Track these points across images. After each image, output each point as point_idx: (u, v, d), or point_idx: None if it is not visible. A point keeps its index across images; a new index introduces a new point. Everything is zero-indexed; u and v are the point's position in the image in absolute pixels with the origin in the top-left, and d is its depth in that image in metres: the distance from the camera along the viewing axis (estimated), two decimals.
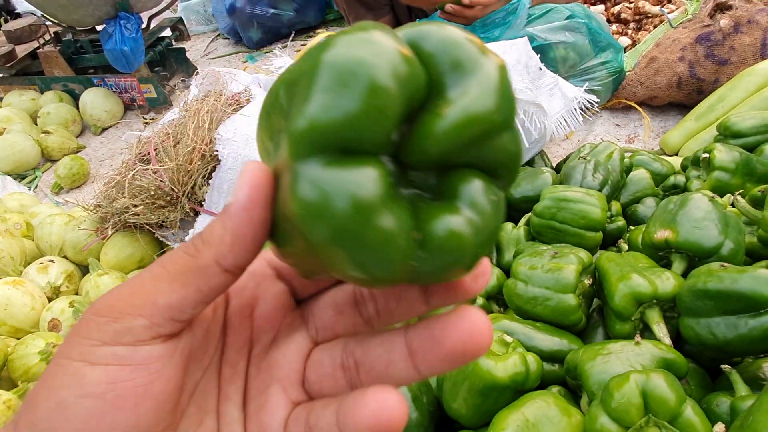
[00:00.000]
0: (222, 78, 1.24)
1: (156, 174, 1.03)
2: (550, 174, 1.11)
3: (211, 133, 1.03)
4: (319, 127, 0.19)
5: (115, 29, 1.88)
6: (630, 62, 1.69)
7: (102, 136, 2.09)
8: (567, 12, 1.57)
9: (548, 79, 1.33)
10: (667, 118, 1.65)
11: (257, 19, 2.42)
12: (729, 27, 1.51)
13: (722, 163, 1.07)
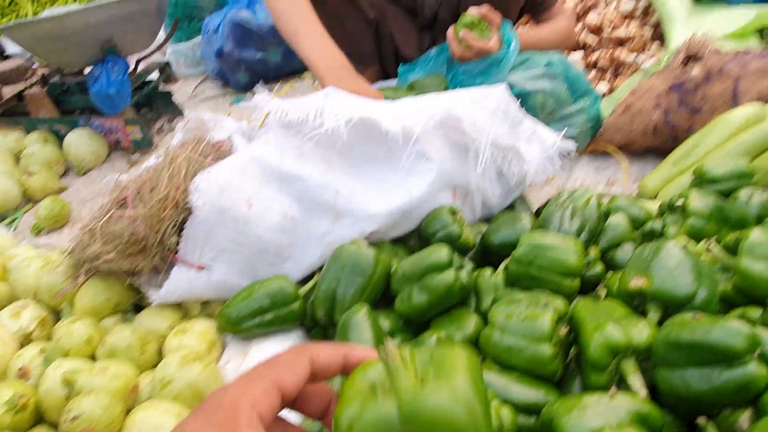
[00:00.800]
0: (206, 125, 1.25)
1: (131, 220, 1.02)
2: (528, 220, 1.12)
3: (186, 181, 1.03)
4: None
5: (101, 72, 1.90)
6: (607, 109, 1.74)
7: (85, 176, 2.08)
8: (545, 60, 1.61)
9: (527, 126, 1.35)
10: (645, 163, 1.69)
11: (245, 63, 2.46)
12: (700, 77, 1.56)
13: (697, 209, 1.09)
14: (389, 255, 1.08)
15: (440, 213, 1.12)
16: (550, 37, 1.76)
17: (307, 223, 1.07)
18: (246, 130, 1.28)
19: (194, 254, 1.06)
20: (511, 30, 1.55)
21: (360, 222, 1.05)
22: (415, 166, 1.09)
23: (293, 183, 1.06)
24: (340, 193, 1.05)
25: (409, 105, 1.13)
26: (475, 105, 1.18)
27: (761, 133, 1.39)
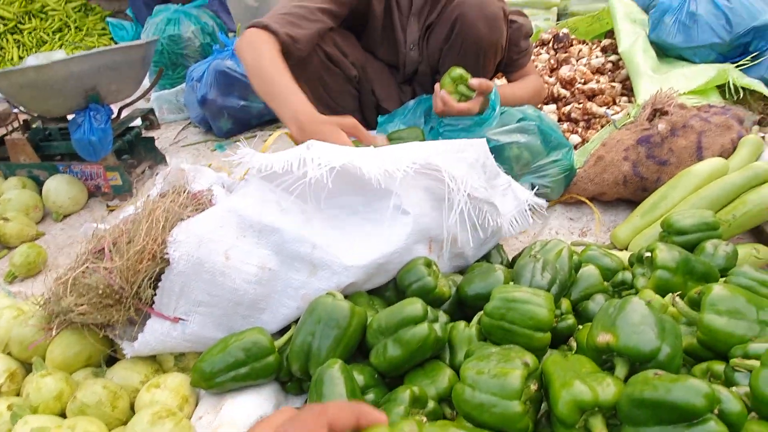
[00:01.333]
0: (186, 176, 1.27)
1: (107, 272, 1.02)
2: (502, 271, 1.14)
3: (164, 233, 1.04)
4: None
5: (84, 120, 1.92)
6: (580, 160, 1.80)
7: (63, 222, 2.07)
8: (519, 114, 1.68)
9: (503, 180, 1.39)
10: (616, 212, 1.74)
11: (227, 110, 2.51)
12: (666, 131, 1.63)
13: (664, 262, 1.12)
14: (365, 306, 1.09)
15: (415, 265, 1.14)
16: (523, 93, 1.83)
17: (284, 275, 1.07)
18: (226, 182, 1.30)
19: (169, 306, 1.06)
20: (497, 95, 1.60)
21: (336, 275, 1.07)
22: (392, 219, 1.11)
23: (271, 235, 1.07)
24: (317, 245, 1.07)
25: (390, 151, 1.16)
26: (454, 156, 1.21)
27: (724, 187, 1.45)
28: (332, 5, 1.67)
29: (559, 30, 2.68)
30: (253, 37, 1.54)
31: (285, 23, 1.56)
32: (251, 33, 1.56)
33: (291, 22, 1.57)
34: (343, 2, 1.70)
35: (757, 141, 1.61)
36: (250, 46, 1.53)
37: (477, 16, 1.65)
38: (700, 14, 2.11)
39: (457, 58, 1.73)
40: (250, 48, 1.53)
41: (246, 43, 1.55)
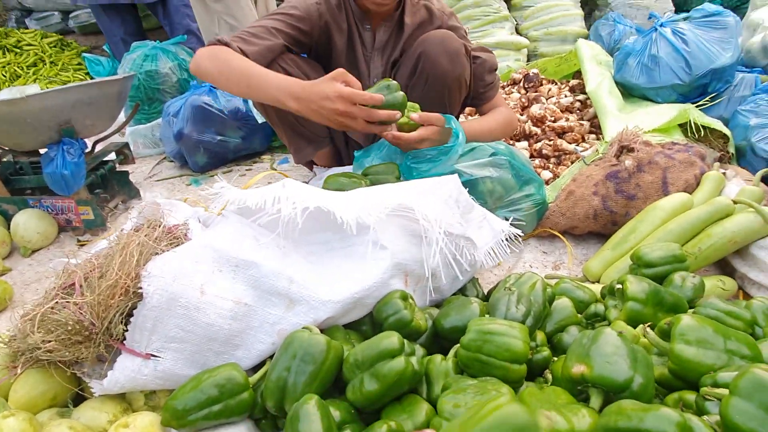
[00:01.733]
0: (161, 210, 1.26)
1: (77, 307, 1.00)
2: (477, 305, 1.15)
3: (138, 267, 1.02)
4: None
5: (57, 154, 1.89)
6: (551, 194, 1.84)
7: (31, 258, 2.01)
8: (491, 150, 1.72)
9: (477, 213, 1.42)
10: (588, 245, 1.78)
11: (204, 145, 2.51)
12: (633, 167, 1.69)
13: (634, 294, 1.15)
14: (341, 341, 1.08)
15: (392, 298, 1.14)
16: (494, 124, 1.88)
17: (260, 310, 1.06)
18: (202, 216, 1.29)
19: (141, 342, 1.03)
20: (457, 123, 1.65)
21: (314, 309, 1.06)
22: (369, 253, 1.12)
23: (248, 269, 1.07)
24: (294, 280, 1.06)
25: (364, 196, 1.17)
26: (428, 195, 1.24)
27: (689, 221, 1.50)
28: (288, 28, 1.75)
29: (529, 70, 2.78)
30: (210, 50, 1.64)
31: (236, 39, 1.66)
32: (207, 49, 1.66)
33: (242, 38, 1.68)
34: (302, 29, 1.77)
35: (719, 177, 1.68)
36: (211, 56, 1.62)
37: (439, 52, 1.71)
38: (662, 57, 2.22)
39: (423, 93, 1.78)
40: (211, 58, 1.62)
41: (204, 57, 1.64)
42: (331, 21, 1.80)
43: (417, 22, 1.84)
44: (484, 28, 3.22)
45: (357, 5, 1.81)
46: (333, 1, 1.80)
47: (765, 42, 2.31)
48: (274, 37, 1.70)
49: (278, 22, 1.73)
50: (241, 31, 1.71)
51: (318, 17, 1.78)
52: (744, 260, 1.47)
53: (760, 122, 1.93)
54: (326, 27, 1.80)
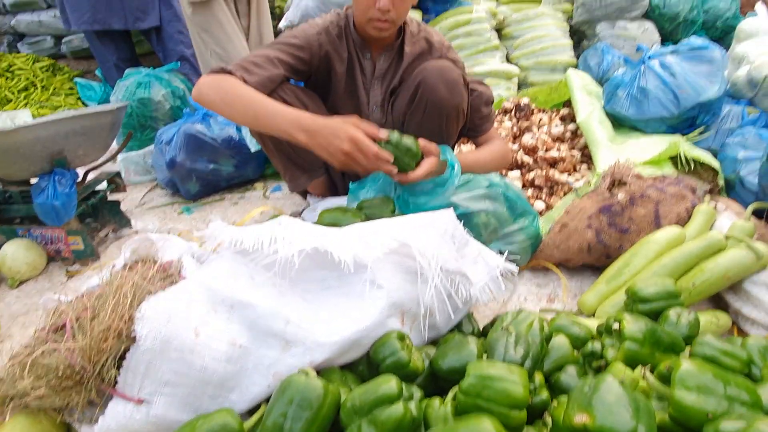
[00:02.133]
0: (155, 245, 1.25)
1: (68, 352, 0.98)
2: (475, 345, 1.14)
3: (132, 309, 1.01)
4: None
5: (48, 184, 1.88)
6: (545, 227, 1.85)
7: (18, 289, 1.98)
8: (486, 182, 1.73)
9: (473, 248, 1.42)
10: (582, 278, 1.78)
11: (196, 173, 2.50)
12: (626, 200, 1.70)
13: (631, 333, 1.14)
14: (338, 383, 1.07)
15: (389, 338, 1.13)
16: (489, 158, 1.90)
17: (255, 352, 1.05)
18: (196, 252, 1.28)
19: (134, 387, 1.01)
20: (453, 155, 1.67)
21: (310, 351, 1.05)
22: (366, 293, 1.11)
23: (243, 310, 1.06)
24: (290, 321, 1.05)
25: (360, 232, 1.17)
26: (423, 230, 1.23)
27: (683, 256, 1.51)
28: (291, 59, 1.76)
29: (520, 99, 2.81)
30: (214, 79, 1.65)
31: (238, 68, 1.68)
32: (210, 77, 1.66)
33: (244, 67, 1.69)
34: (303, 58, 1.78)
35: (710, 210, 1.70)
36: (215, 85, 1.63)
37: (438, 81, 1.74)
38: (650, 89, 2.26)
39: (421, 122, 1.80)
40: (215, 87, 1.63)
41: (208, 85, 1.64)
42: (332, 50, 1.82)
43: (416, 52, 1.87)
44: (475, 56, 3.26)
45: (358, 34, 1.83)
46: (334, 31, 1.82)
47: (750, 75, 2.36)
48: (275, 68, 1.72)
49: (279, 52, 1.74)
50: (243, 59, 1.72)
51: (318, 47, 1.80)
52: (737, 295, 1.48)
53: (748, 155, 1.96)
54: (326, 56, 1.82)
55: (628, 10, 3.49)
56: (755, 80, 2.33)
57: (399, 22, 1.75)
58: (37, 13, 4.43)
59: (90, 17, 3.46)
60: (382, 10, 1.66)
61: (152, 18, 3.55)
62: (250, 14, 3.09)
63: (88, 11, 3.44)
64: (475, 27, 3.28)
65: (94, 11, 3.45)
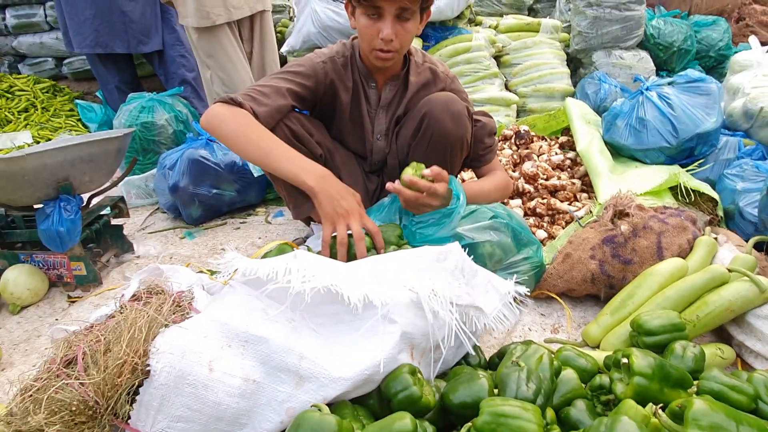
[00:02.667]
0: (164, 275, 1.25)
1: (81, 387, 0.97)
2: (485, 379, 1.15)
3: (146, 343, 1.01)
4: None
5: (53, 210, 1.88)
6: (548, 256, 1.87)
7: (19, 315, 1.96)
8: (490, 212, 1.75)
9: (482, 277, 1.43)
10: (585, 308, 1.79)
11: (199, 198, 2.50)
12: (629, 232, 1.72)
13: (640, 368, 1.15)
14: (350, 419, 1.06)
15: (401, 373, 1.13)
16: (492, 188, 1.92)
17: (269, 387, 1.05)
18: (206, 283, 1.28)
19: (147, 422, 1.01)
20: (459, 185, 1.69)
21: (324, 387, 1.05)
22: (379, 328, 1.12)
23: (257, 345, 1.06)
24: (305, 356, 1.06)
25: (372, 267, 1.18)
26: (434, 268, 1.25)
27: (686, 288, 1.53)
28: (298, 87, 1.79)
29: (519, 126, 2.85)
30: (227, 110, 1.66)
31: (247, 98, 1.69)
32: (221, 107, 1.67)
33: (253, 98, 1.70)
34: (309, 87, 1.81)
35: (711, 242, 1.72)
36: (229, 117, 1.64)
37: (443, 113, 1.77)
38: (649, 120, 2.30)
39: (426, 152, 1.82)
40: (227, 120, 1.64)
41: (219, 117, 1.65)
42: (337, 79, 1.85)
43: (422, 82, 1.90)
44: (474, 84, 3.31)
45: (363, 63, 1.86)
46: (339, 60, 1.85)
47: (746, 107, 2.41)
48: (283, 98, 1.74)
49: (287, 82, 1.76)
50: (252, 88, 1.74)
51: (324, 75, 1.83)
52: (741, 328, 1.49)
53: (747, 186, 2.00)
54: (332, 85, 1.85)
55: (623, 39, 3.57)
56: (751, 112, 2.39)
57: (402, 51, 1.78)
58: (39, 35, 4.46)
59: (93, 41, 3.49)
60: (385, 41, 1.69)
61: (155, 42, 3.59)
62: (253, 40, 3.13)
63: (90, 35, 3.48)
64: (474, 54, 3.34)
65: (96, 35, 3.48)
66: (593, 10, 3.53)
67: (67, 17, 3.50)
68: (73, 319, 1.88)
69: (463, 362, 1.40)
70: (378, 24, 1.67)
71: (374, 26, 1.68)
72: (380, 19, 1.67)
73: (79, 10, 3.43)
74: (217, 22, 2.77)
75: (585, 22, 3.58)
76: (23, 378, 1.15)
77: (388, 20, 1.65)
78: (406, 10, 1.65)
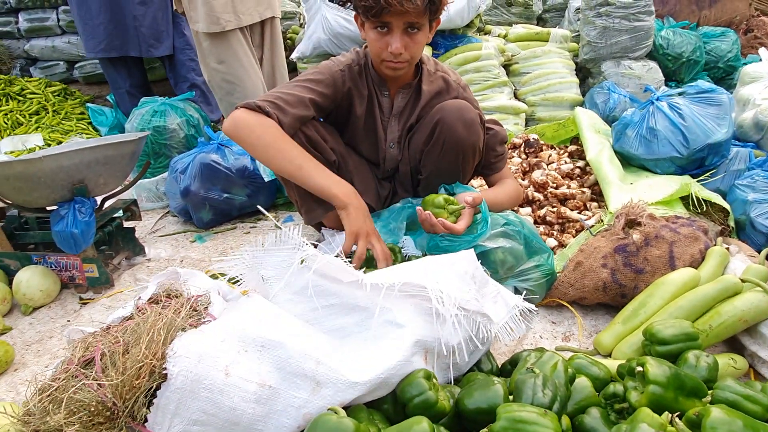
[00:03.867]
0: (181, 280, 1.26)
1: (100, 389, 0.98)
2: (500, 385, 1.15)
3: (164, 346, 1.02)
4: None
5: (68, 212, 1.89)
6: (559, 264, 1.87)
7: (32, 316, 1.98)
8: (503, 220, 1.75)
9: (492, 288, 1.44)
10: (597, 317, 1.79)
11: (210, 202, 2.52)
12: (640, 241, 1.72)
13: (655, 377, 1.15)
14: (366, 422, 1.07)
15: (416, 377, 1.14)
16: (504, 197, 1.93)
17: (285, 393, 1.05)
18: (222, 289, 1.29)
19: (163, 425, 1.01)
20: (486, 206, 1.68)
21: (341, 392, 1.05)
22: (386, 334, 1.13)
23: (274, 350, 1.06)
24: (321, 361, 1.06)
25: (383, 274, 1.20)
26: (443, 271, 1.26)
27: (699, 298, 1.53)
28: (318, 97, 1.80)
29: (529, 135, 2.86)
30: (253, 118, 1.68)
31: (273, 107, 1.71)
32: (247, 114, 1.69)
33: (277, 106, 1.72)
34: (328, 95, 1.83)
35: (723, 252, 1.72)
36: (257, 125, 1.67)
37: (456, 120, 1.78)
38: (659, 130, 2.31)
39: (438, 158, 1.83)
40: (257, 128, 1.67)
41: (247, 124, 1.68)
42: (353, 87, 1.86)
43: (434, 90, 1.91)
44: (484, 92, 3.33)
45: (375, 72, 1.87)
46: (355, 68, 1.86)
47: (757, 118, 2.41)
48: (306, 109, 1.76)
49: (308, 91, 1.78)
50: (276, 95, 1.74)
51: (342, 84, 1.84)
52: (753, 339, 1.49)
53: (758, 197, 2.00)
54: (349, 93, 1.86)
55: (632, 49, 3.58)
56: (761, 123, 2.39)
57: (413, 61, 1.79)
58: (51, 38, 4.51)
59: (106, 45, 3.53)
60: (394, 54, 1.69)
61: (165, 46, 3.63)
62: (263, 46, 3.15)
63: (104, 39, 3.52)
64: (484, 63, 3.36)
65: (109, 39, 3.52)
66: (602, 20, 3.54)
67: (81, 22, 3.54)
68: (87, 321, 1.89)
69: (475, 369, 1.41)
70: (387, 37, 1.68)
71: (383, 39, 1.69)
72: (389, 32, 1.67)
73: (93, 15, 3.47)
74: (226, 27, 2.79)
75: (594, 32, 3.59)
76: (39, 378, 1.16)
77: (396, 34, 1.66)
78: (415, 23, 1.66)
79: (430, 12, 1.67)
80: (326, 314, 1.16)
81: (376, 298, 1.16)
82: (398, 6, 1.57)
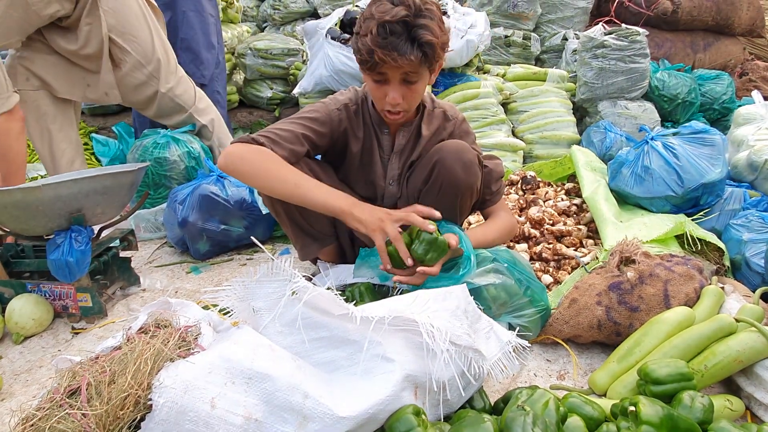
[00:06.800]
0: (172, 310, 1.26)
1: (84, 419, 0.97)
2: (491, 423, 1.13)
3: (151, 376, 1.01)
4: None
5: (64, 241, 1.90)
6: (554, 301, 1.86)
7: (23, 345, 1.96)
8: (491, 256, 1.75)
9: (484, 323, 1.43)
10: (592, 355, 1.77)
11: (207, 233, 2.52)
12: (635, 279, 1.72)
13: (648, 417, 1.14)
14: None
15: (404, 414, 1.12)
16: (497, 234, 1.93)
17: (271, 427, 1.03)
18: (213, 320, 1.28)
19: None
20: (469, 245, 1.68)
21: (328, 427, 1.04)
22: (375, 368, 1.12)
23: (261, 382, 1.05)
24: (309, 395, 1.05)
25: (374, 308, 1.20)
26: (435, 306, 1.25)
27: (693, 338, 1.52)
28: (313, 134, 1.82)
29: (526, 172, 2.89)
30: (247, 148, 1.70)
31: (268, 140, 1.73)
32: (241, 146, 1.71)
33: (273, 140, 1.74)
34: (324, 134, 1.85)
35: (719, 292, 1.72)
36: (252, 153, 1.69)
37: (455, 162, 1.78)
38: (654, 169, 2.33)
39: (436, 199, 1.83)
40: (252, 155, 1.69)
41: (241, 154, 1.70)
42: (350, 127, 1.88)
43: (434, 127, 1.93)
44: (482, 129, 3.37)
45: (375, 111, 1.89)
46: (352, 108, 1.89)
47: (751, 159, 2.44)
48: (301, 145, 1.78)
49: (303, 128, 1.80)
50: (271, 131, 1.77)
51: (338, 123, 1.86)
52: (749, 380, 1.47)
53: (753, 237, 2.00)
54: (345, 132, 1.88)
55: (628, 90, 3.64)
56: (755, 164, 2.41)
57: (412, 109, 1.81)
58: None
59: None
60: (392, 104, 1.72)
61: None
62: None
63: None
64: (482, 101, 3.41)
65: None
66: (599, 62, 3.62)
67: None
68: (77, 350, 1.87)
69: (467, 406, 1.39)
70: (384, 87, 1.70)
71: (381, 89, 1.71)
72: (386, 83, 1.69)
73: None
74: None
75: (591, 73, 3.66)
76: (24, 407, 1.15)
77: (393, 85, 1.68)
78: (412, 74, 1.66)
79: (428, 63, 1.66)
80: (316, 347, 1.15)
81: (366, 332, 1.16)
82: (392, 62, 1.59)
